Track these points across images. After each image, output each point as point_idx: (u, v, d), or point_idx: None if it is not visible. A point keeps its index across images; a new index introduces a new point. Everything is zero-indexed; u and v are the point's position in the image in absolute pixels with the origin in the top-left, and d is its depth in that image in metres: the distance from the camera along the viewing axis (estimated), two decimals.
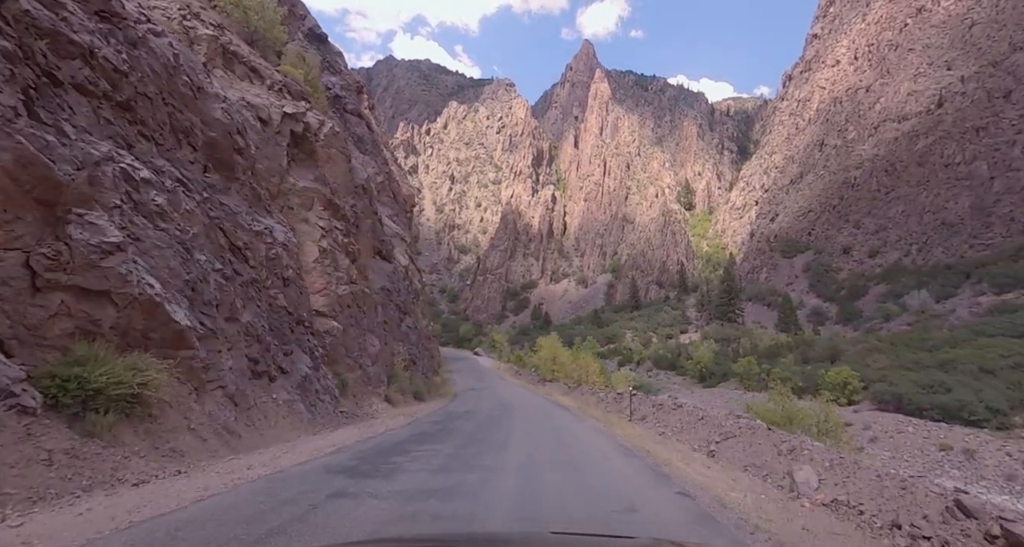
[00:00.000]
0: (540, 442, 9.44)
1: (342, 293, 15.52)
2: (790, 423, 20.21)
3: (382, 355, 18.42)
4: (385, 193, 50.50)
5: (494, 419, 13.34)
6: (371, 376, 16.82)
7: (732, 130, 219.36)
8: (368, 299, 17.69)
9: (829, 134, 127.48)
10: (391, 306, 20.73)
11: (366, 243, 19.38)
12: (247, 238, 9.55)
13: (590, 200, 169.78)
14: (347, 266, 16.27)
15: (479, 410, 16.77)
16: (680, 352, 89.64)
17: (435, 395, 26.07)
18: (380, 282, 20.44)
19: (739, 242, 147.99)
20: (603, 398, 21.72)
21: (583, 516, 4.76)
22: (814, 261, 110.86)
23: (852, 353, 64.65)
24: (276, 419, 9.10)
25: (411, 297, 27.73)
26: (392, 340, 20.10)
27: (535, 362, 41.02)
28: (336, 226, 16.57)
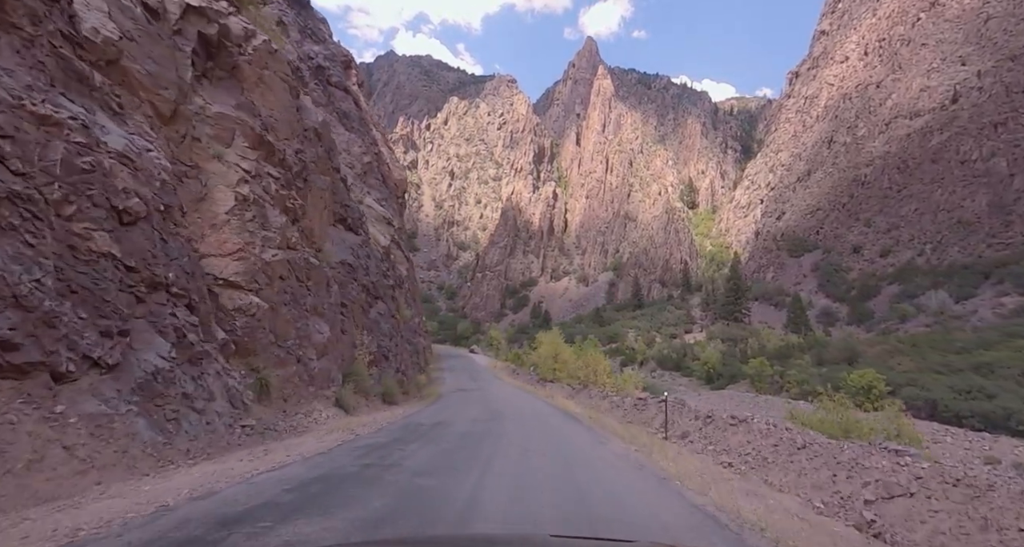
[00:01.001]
0: (541, 496, 5.07)
1: (271, 259, 11.16)
2: (846, 435, 16.24)
3: (336, 346, 14.07)
4: (373, 175, 46.17)
5: (473, 438, 9.02)
6: (315, 373, 12.48)
7: (736, 129, 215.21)
8: (317, 273, 13.33)
9: (838, 131, 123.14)
10: (355, 287, 16.40)
11: (319, 204, 15.03)
12: (13, 123, 5.22)
13: (592, 197, 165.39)
14: (283, 225, 11.92)
15: (456, 421, 12.42)
16: (685, 352, 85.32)
17: (413, 397, 21.73)
18: (340, 255, 16.10)
19: (743, 241, 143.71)
20: (617, 403, 17.45)
21: None
22: (823, 260, 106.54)
23: (871, 355, 60.34)
24: (47, 453, 4.76)
25: (391, 283, 23.42)
26: (354, 328, 15.77)
27: (534, 360, 36.71)
28: (270, 173, 12.22)
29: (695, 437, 9.93)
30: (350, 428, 10.28)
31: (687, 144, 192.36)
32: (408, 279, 41.65)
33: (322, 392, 13.06)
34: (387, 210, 44.46)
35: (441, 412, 15.08)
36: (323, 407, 12.58)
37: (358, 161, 44.82)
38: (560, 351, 31.89)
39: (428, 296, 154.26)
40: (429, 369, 43.66)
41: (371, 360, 17.26)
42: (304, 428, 10.50)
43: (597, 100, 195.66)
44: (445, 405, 17.99)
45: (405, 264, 41.02)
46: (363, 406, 15.16)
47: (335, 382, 13.77)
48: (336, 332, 14.32)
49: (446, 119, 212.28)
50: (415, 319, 35.16)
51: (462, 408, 16.73)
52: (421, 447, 7.83)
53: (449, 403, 18.92)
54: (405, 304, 30.97)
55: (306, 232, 13.71)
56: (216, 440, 7.50)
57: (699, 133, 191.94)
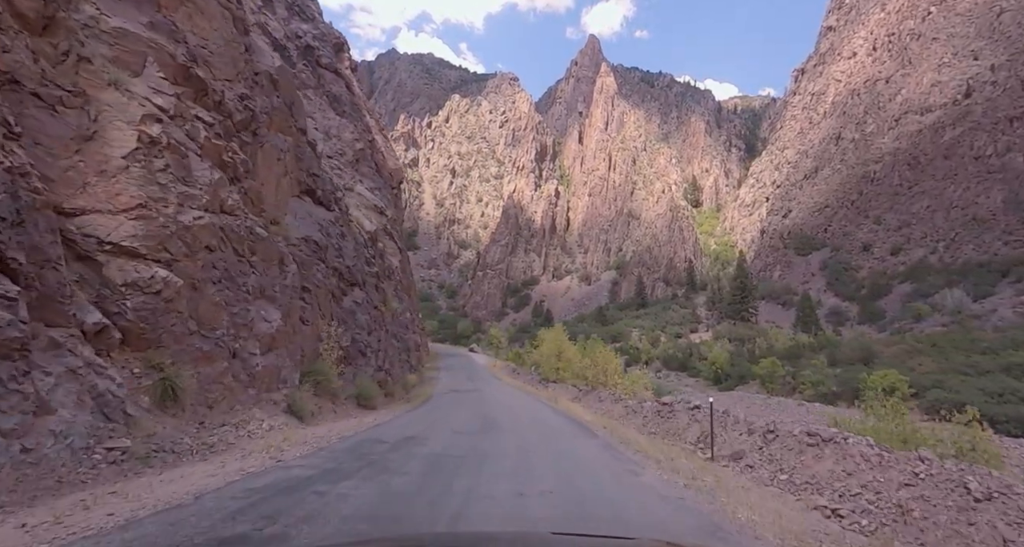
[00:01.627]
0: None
1: (192, 223, 8.42)
2: (903, 446, 13.63)
3: (292, 338, 11.35)
4: (366, 163, 43.48)
5: (446, 465, 6.26)
6: (258, 371, 9.75)
7: (740, 127, 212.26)
8: (266, 247, 10.60)
9: (846, 127, 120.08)
10: (323, 269, 13.67)
11: (276, 168, 12.32)
12: None
13: (594, 195, 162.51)
14: (214, 183, 9.17)
15: (433, 433, 9.66)
16: (692, 352, 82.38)
17: (398, 399, 19.01)
18: (305, 231, 13.38)
19: (749, 240, 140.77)
20: (633, 408, 14.71)
21: None
22: (831, 258, 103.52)
23: (888, 355, 57.38)
24: None
25: (375, 271, 20.72)
26: (319, 317, 13.04)
27: (535, 359, 33.94)
28: (199, 116, 9.51)
29: (755, 460, 7.22)
30: (284, 446, 7.54)
31: (691, 142, 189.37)
32: (402, 273, 38.93)
33: (268, 395, 10.32)
34: (379, 199, 41.77)
35: (421, 420, 12.33)
36: (267, 415, 9.83)
37: (349, 147, 42.16)
38: (564, 349, 29.13)
39: (428, 295, 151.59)
40: (424, 368, 40.95)
41: (342, 356, 14.53)
42: (226, 446, 7.76)
43: (600, 98, 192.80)
44: (430, 410, 15.26)
45: (398, 256, 38.35)
46: (327, 411, 12.41)
47: (288, 382, 11.03)
48: (292, 321, 11.58)
49: (447, 117, 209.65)
50: (406, 314, 32.45)
51: (449, 414, 14.01)
52: (357, 486, 5.08)
53: (436, 407, 16.20)
54: (395, 297, 28.27)
55: (253, 196, 10.97)
56: (35, 478, 4.74)
57: (703, 131, 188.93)
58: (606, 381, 20.47)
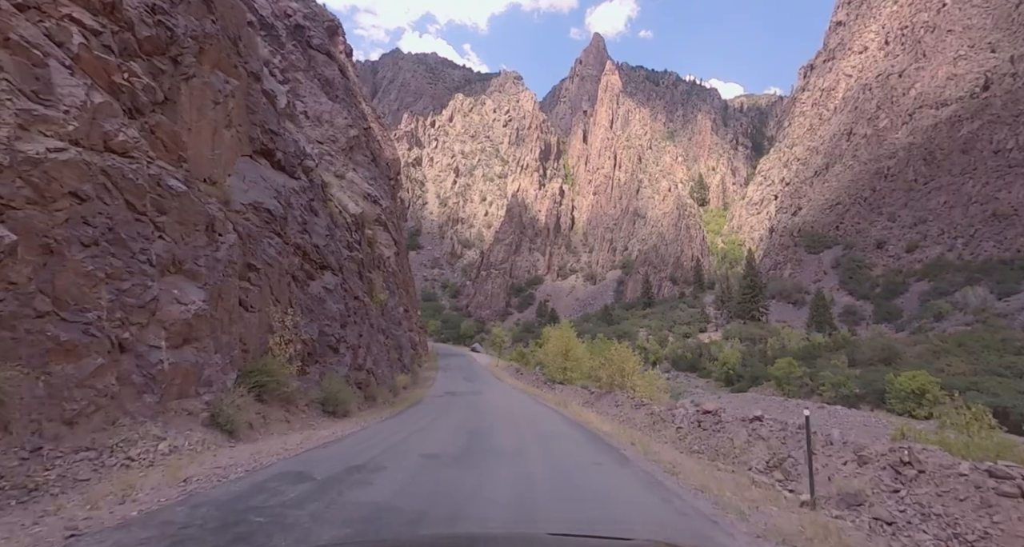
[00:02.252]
0: None
1: (43, 157, 5.68)
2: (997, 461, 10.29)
3: (228, 328, 8.64)
4: (360, 151, 40.86)
5: (392, 532, 3.69)
6: (161, 371, 7.02)
7: (746, 126, 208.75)
8: (185, 207, 7.88)
9: (858, 123, 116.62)
10: (277, 245, 10.94)
11: (215, 114, 9.63)
12: None
13: (600, 193, 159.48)
14: (90, 107, 6.43)
15: (398, 460, 6.80)
16: (701, 352, 79.26)
17: (381, 403, 16.29)
18: (253, 196, 10.64)
19: (757, 238, 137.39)
20: (661, 416, 11.92)
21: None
22: (844, 256, 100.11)
23: (911, 355, 54.17)
24: None
25: (359, 257, 18.03)
26: (270, 303, 10.31)
27: (540, 358, 31.12)
28: (73, 15, 6.81)
29: (892, 512, 4.46)
30: (146, 487, 4.77)
31: (697, 141, 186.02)
32: (397, 266, 36.26)
33: (181, 403, 7.58)
34: (374, 189, 39.15)
35: (391, 435, 9.57)
36: (173, 430, 7.11)
37: (342, 134, 39.57)
38: (571, 347, 26.35)
39: (432, 294, 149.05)
40: (422, 368, 38.24)
41: (305, 352, 11.80)
42: (72, 484, 5.05)
43: (605, 96, 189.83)
44: (411, 420, 12.50)
45: (393, 248, 35.72)
46: (276, 422, 9.66)
47: (215, 385, 8.28)
48: (227, 305, 8.84)
49: (451, 116, 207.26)
50: (399, 308, 29.74)
51: (433, 426, 11.26)
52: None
53: (421, 415, 13.46)
54: (385, 289, 25.55)
55: (167, 140, 8.24)
56: None
57: (709, 129, 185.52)
58: (623, 383, 17.69)
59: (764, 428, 7.64)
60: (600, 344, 30.65)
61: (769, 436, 7.33)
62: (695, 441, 9.20)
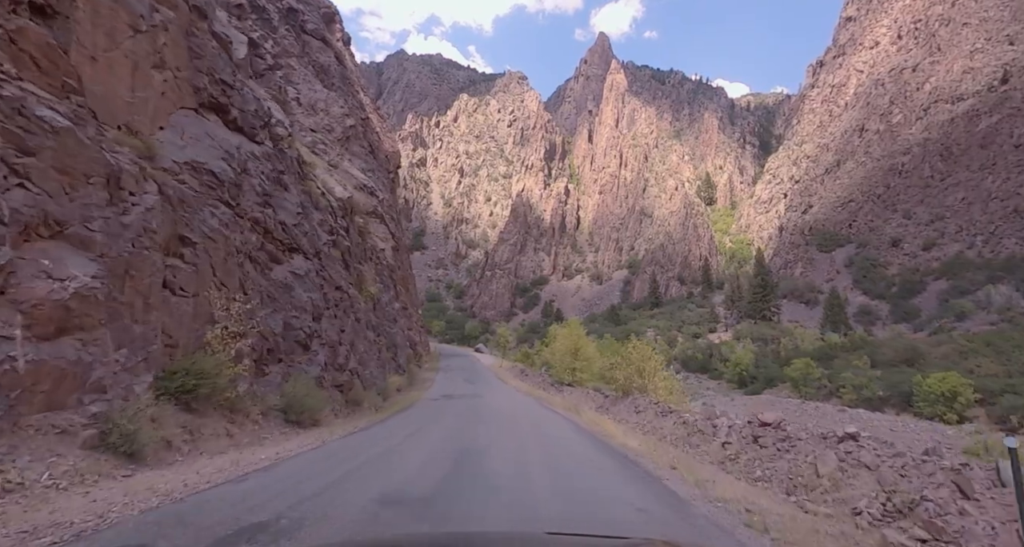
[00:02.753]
0: None
1: None
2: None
3: (144, 315, 6.42)
4: (358, 142, 38.81)
5: None
6: (16, 373, 4.66)
7: (754, 124, 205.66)
8: (71, 150, 5.64)
9: (870, 119, 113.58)
10: (225, 216, 8.78)
11: (127, 43, 7.52)
12: None
13: (605, 193, 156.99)
14: None
15: (336, 507, 4.55)
16: (712, 352, 76.54)
17: (366, 408, 14.11)
18: (191, 154, 8.46)
19: (766, 237, 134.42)
20: (699, 427, 9.63)
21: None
22: (858, 255, 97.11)
23: (936, 356, 51.34)
24: None
25: (340, 243, 15.89)
26: (213, 287, 8.11)
27: (546, 358, 28.84)
28: None
29: None
30: None
31: (704, 139, 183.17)
32: (395, 261, 34.16)
33: (49, 419, 5.42)
34: (372, 180, 37.10)
35: (352, 456, 7.36)
36: (25, 459, 4.93)
37: (338, 123, 37.55)
38: (581, 346, 24.06)
39: (436, 295, 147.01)
40: (421, 369, 36.09)
41: (264, 349, 9.61)
42: None
43: (610, 95, 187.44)
44: (390, 431, 10.28)
45: (390, 242, 33.62)
46: (214, 437, 7.47)
47: (114, 391, 6.09)
48: (139, 285, 6.66)
49: (456, 116, 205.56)
50: (393, 304, 27.58)
51: (414, 441, 9.05)
52: None
53: (405, 425, 11.25)
54: (379, 283, 23.41)
55: (46, 60, 6.08)
56: None
57: (716, 128, 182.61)
58: (643, 385, 15.40)
59: (865, 452, 5.39)
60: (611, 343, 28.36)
61: (877, 464, 5.10)
62: (753, 464, 6.94)
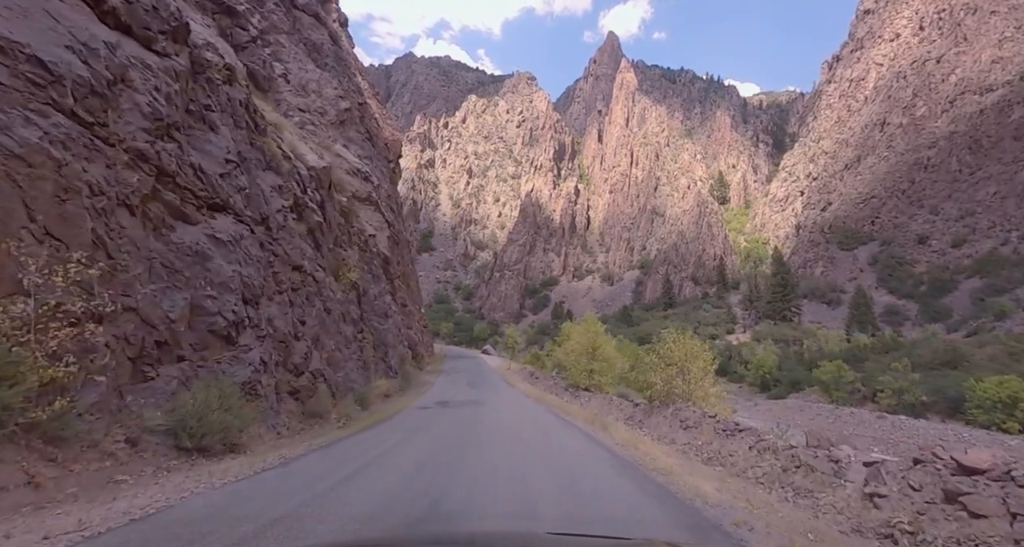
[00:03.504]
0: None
1: None
2: None
3: None
4: (353, 126, 35.70)
5: None
6: None
7: (767, 123, 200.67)
8: None
9: (892, 112, 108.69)
10: (61, 129, 5.43)
11: None
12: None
13: (616, 192, 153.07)
14: None
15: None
16: (731, 354, 72.27)
17: (327, 422, 10.81)
18: (3, 26, 5.16)
19: (782, 236, 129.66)
20: (811, 465, 6.19)
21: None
22: (882, 252, 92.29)
23: (981, 358, 46.95)
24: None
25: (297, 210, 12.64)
26: (15, 238, 4.72)
27: (558, 359, 25.37)
28: None
29: None
30: None
31: (716, 138, 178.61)
32: (392, 253, 30.94)
33: None
34: (368, 167, 34.02)
35: (226, 509, 4.02)
36: None
37: (332, 106, 34.50)
38: (599, 344, 20.59)
39: (444, 296, 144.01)
40: (422, 371, 32.78)
41: (147, 341, 6.32)
42: None
43: (620, 94, 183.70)
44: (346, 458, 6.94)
45: (385, 231, 30.44)
46: None
47: None
48: None
49: (464, 117, 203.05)
50: (385, 297, 24.30)
51: (359, 480, 5.67)
52: None
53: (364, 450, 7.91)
54: (367, 273, 20.16)
55: None
56: None
57: (728, 126, 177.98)
58: (688, 392, 11.87)
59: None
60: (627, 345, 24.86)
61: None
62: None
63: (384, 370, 19.60)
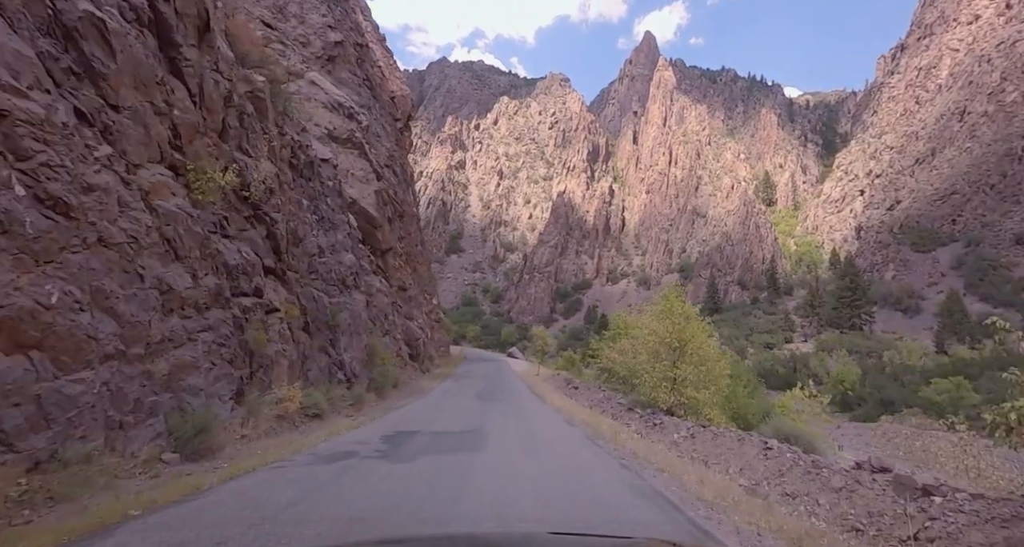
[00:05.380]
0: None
1: None
2: None
3: None
4: (347, 66, 27.98)
5: None
6: None
7: (815, 122, 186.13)
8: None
9: (974, 100, 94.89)
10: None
11: None
12: None
13: (653, 191, 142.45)
14: None
15: None
16: (796, 366, 61.13)
17: None
18: None
19: (839, 239, 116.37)
20: None
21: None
22: (969, 254, 78.94)
23: None
24: None
25: None
26: None
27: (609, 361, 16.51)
28: None
29: None
30: None
31: (761, 137, 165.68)
32: (381, 214, 22.89)
33: None
34: (355, 105, 26.34)
35: None
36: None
37: (318, 37, 26.69)
38: (691, 336, 11.69)
39: (472, 299, 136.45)
40: (425, 375, 24.50)
41: None
42: None
43: (658, 93, 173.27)
44: None
45: (372, 183, 22.42)
46: None
47: None
48: None
49: (496, 119, 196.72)
50: (362, 263, 16.13)
51: None
52: None
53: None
54: (312, 213, 11.96)
55: None
56: None
57: (775, 125, 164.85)
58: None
59: None
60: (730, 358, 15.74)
61: None
62: None
63: (326, 376, 11.32)
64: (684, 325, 12.12)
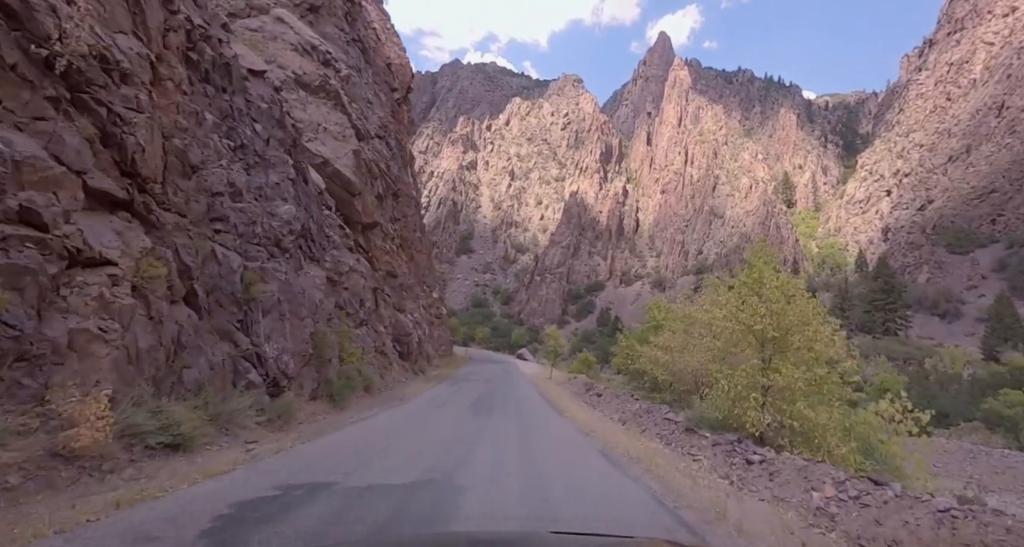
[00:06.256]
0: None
1: None
2: None
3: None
4: (332, 18, 23.96)
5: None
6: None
7: (835, 123, 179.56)
8: None
9: (1013, 93, 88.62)
10: None
11: None
12: None
13: (668, 192, 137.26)
14: None
15: None
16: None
17: None
18: None
19: (865, 240, 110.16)
20: None
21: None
22: (1012, 255, 72.85)
23: None
24: None
25: None
26: None
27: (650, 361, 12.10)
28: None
29: None
30: None
31: (779, 137, 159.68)
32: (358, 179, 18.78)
33: None
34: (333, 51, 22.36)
35: None
36: None
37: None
38: (797, 324, 7.37)
39: (482, 300, 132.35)
40: (420, 376, 20.26)
41: None
42: None
43: (672, 92, 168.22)
44: None
45: (351, 142, 18.38)
46: None
47: None
48: None
49: (507, 120, 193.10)
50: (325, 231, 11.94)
51: None
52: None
53: None
54: (250, 150, 7.72)
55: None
56: None
57: (794, 125, 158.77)
58: None
59: None
60: None
61: None
62: None
63: (227, 370, 7.09)
64: (785, 306, 7.78)
